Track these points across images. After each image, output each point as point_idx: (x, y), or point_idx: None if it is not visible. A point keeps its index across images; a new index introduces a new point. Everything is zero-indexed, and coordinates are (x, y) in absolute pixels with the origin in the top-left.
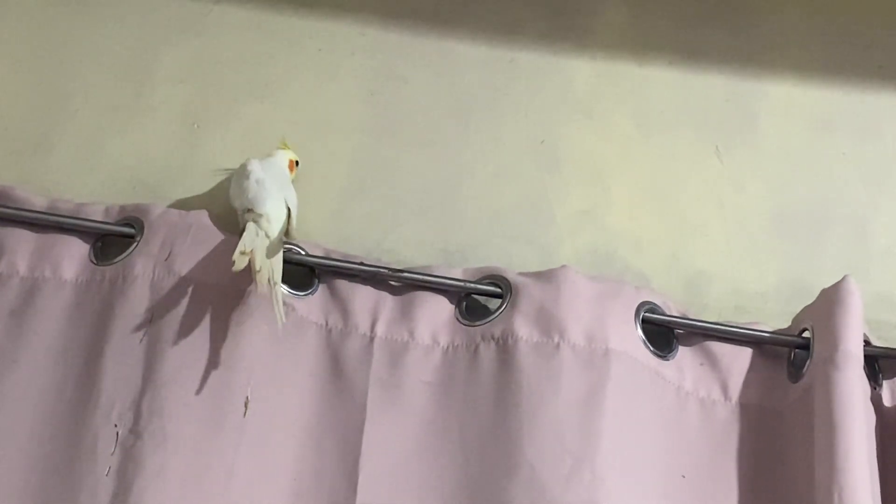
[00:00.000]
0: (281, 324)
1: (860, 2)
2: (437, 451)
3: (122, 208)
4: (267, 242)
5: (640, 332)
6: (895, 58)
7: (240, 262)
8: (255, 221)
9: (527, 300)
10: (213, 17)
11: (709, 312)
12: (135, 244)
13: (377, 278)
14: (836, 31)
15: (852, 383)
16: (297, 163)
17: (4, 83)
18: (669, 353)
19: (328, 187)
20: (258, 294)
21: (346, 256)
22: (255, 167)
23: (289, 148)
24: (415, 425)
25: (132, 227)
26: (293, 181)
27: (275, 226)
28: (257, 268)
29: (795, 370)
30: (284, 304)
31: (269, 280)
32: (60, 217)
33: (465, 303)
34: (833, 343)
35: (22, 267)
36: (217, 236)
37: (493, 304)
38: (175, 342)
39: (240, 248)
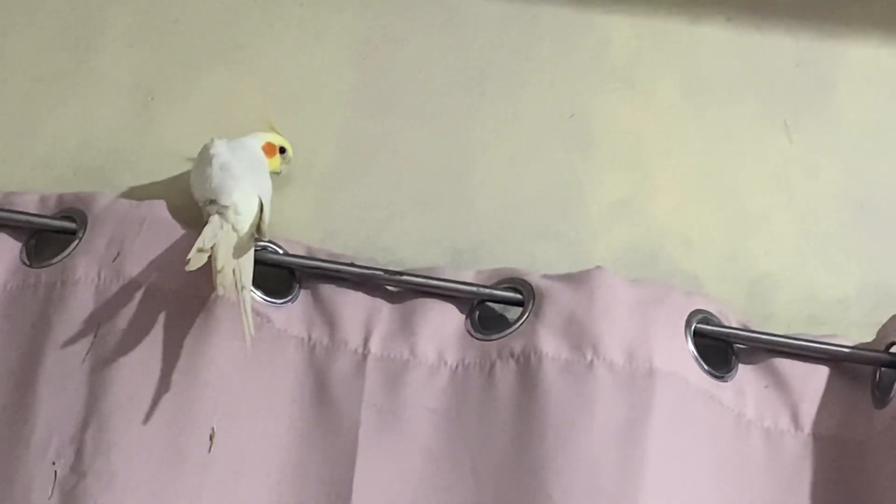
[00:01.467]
0: (250, 338)
1: None
2: (443, 491)
3: (61, 198)
4: (234, 239)
5: (691, 347)
6: None
7: (196, 261)
8: (220, 214)
9: (553, 309)
10: None
11: (776, 323)
12: (76, 241)
13: (371, 282)
14: None
15: None
16: (282, 150)
17: None
18: (727, 372)
19: (311, 172)
20: (219, 300)
21: (332, 256)
22: (221, 149)
23: (277, 132)
24: (417, 461)
25: (73, 220)
26: (281, 172)
27: (243, 219)
28: (219, 267)
29: (882, 393)
30: (257, 314)
31: (235, 284)
32: None
33: (478, 312)
34: None
35: None
36: (177, 232)
37: (513, 313)
38: (125, 361)
39: (198, 244)
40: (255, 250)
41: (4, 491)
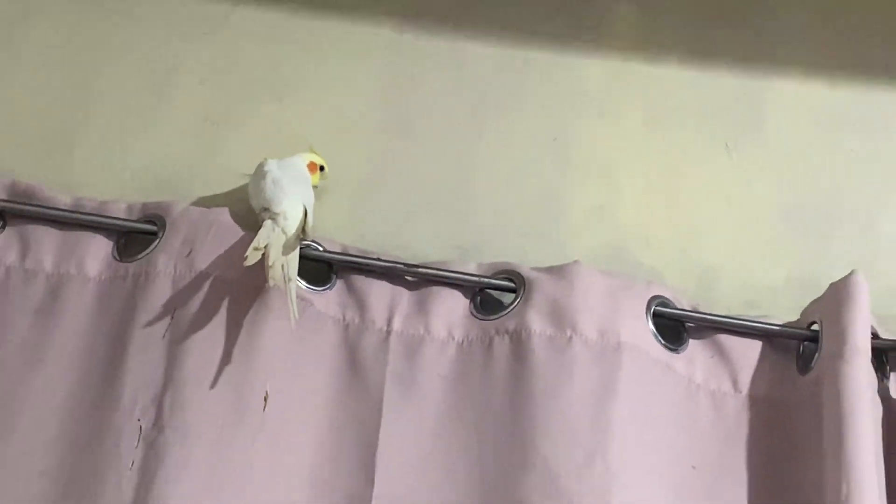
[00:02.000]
0: (294, 320)
1: (867, 1)
2: (452, 443)
3: (145, 206)
4: (283, 239)
5: (651, 325)
6: None
7: (252, 257)
8: (272, 219)
9: (540, 295)
10: (233, 20)
11: (719, 307)
12: (157, 241)
13: (393, 273)
14: (843, 29)
15: (860, 376)
16: (321, 167)
17: (31, 84)
18: (680, 346)
19: (344, 185)
20: (271, 289)
21: (362, 252)
22: (272, 167)
23: (315, 153)
24: (431, 418)
25: (154, 224)
26: (319, 185)
27: (291, 223)
28: (270, 262)
29: (804, 363)
30: (302, 299)
31: (283, 276)
32: (84, 215)
33: (479, 297)
34: (841, 337)
35: (47, 264)
36: (237, 233)
37: (507, 298)
38: (196, 338)
39: (254, 243)
40: (301, 248)
41: (100, 442)
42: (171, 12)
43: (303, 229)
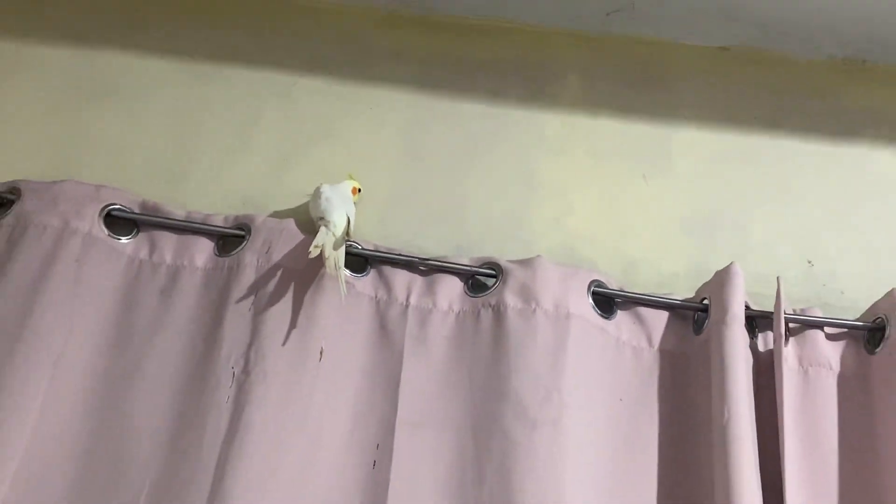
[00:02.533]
0: (343, 296)
1: (742, 72)
2: (452, 384)
3: (237, 217)
4: (333, 240)
5: (590, 300)
6: (766, 112)
7: (313, 253)
8: (325, 226)
9: (513, 279)
10: (297, 87)
11: (639, 287)
12: (245, 242)
13: (410, 264)
14: (726, 92)
15: (737, 336)
16: (359, 189)
17: (155, 134)
18: (611, 315)
19: (375, 201)
20: (328, 276)
21: (389, 249)
22: (326, 189)
23: (354, 179)
24: (437, 366)
25: (243, 230)
26: (357, 202)
27: (339, 228)
28: (327, 255)
29: (698, 327)
30: (347, 283)
31: (335, 266)
32: (193, 223)
33: (471, 281)
34: (724, 308)
35: (168, 258)
36: (300, 236)
37: (490, 282)
38: (272, 310)
39: (314, 243)
40: (346, 246)
41: (205, 384)
42: (252, 81)
43: (347, 232)
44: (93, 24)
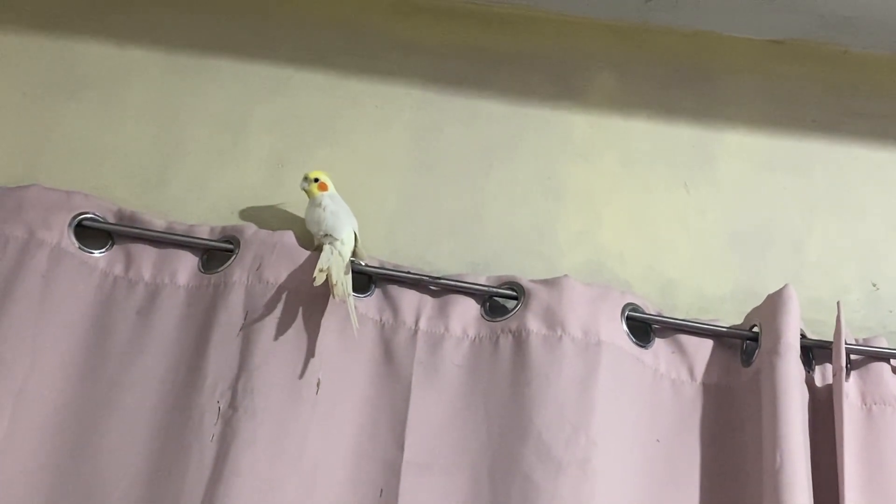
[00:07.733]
0: (356, 329)
1: (797, 68)
2: (466, 420)
3: (224, 228)
4: (341, 262)
5: (624, 326)
6: (824, 113)
7: (319, 278)
8: (331, 244)
9: (536, 302)
10: (294, 81)
11: (678, 312)
12: (233, 257)
13: (420, 284)
14: (779, 91)
15: (791, 368)
16: (327, 186)
17: (132, 133)
18: (648, 343)
19: (381, 212)
20: (334, 302)
21: (395, 266)
22: (327, 200)
23: (321, 171)
24: (449, 400)
25: (231, 243)
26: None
27: (347, 248)
28: (334, 282)
29: (747, 357)
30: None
31: (344, 292)
32: (175, 235)
33: (488, 303)
34: (776, 336)
35: (146, 275)
36: (297, 251)
37: (510, 304)
38: (263, 335)
39: (319, 265)
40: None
41: (188, 418)
42: (243, 75)
43: (354, 252)
44: (62, 8)
